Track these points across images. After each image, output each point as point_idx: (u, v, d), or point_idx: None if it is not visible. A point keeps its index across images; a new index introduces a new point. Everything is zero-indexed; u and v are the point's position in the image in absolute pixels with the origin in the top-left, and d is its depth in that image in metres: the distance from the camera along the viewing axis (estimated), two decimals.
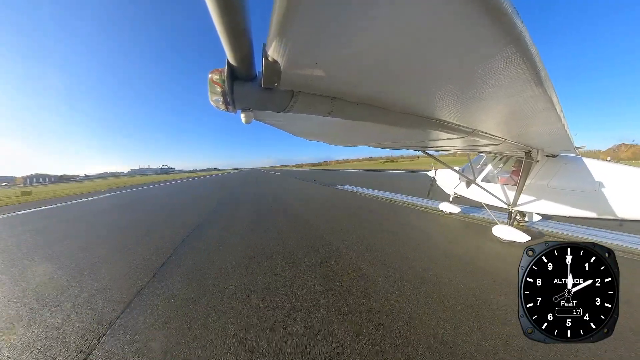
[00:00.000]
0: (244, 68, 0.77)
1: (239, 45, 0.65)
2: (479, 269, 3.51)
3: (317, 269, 3.70)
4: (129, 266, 4.22)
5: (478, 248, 4.33)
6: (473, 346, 2.10)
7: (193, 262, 4.28)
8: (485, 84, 0.98)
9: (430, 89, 1.10)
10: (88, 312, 2.89)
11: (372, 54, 0.75)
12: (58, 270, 4.24)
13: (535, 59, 0.76)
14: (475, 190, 5.38)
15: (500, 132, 2.25)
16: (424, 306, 2.67)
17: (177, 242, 5.48)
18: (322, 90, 1.02)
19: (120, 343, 2.34)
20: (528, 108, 1.32)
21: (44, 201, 18.25)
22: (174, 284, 3.45)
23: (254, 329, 2.42)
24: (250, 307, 2.79)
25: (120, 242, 5.85)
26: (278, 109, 1.03)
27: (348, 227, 6.08)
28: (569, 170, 4.02)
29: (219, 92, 0.80)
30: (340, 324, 2.43)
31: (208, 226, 6.94)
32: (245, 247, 4.89)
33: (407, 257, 4.02)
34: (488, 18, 0.56)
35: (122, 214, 10.20)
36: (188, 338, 2.35)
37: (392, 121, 1.46)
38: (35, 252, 5.38)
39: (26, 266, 4.54)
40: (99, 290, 3.42)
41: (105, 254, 5.02)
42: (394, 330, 2.32)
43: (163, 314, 2.76)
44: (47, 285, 3.66)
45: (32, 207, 14.45)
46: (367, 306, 2.70)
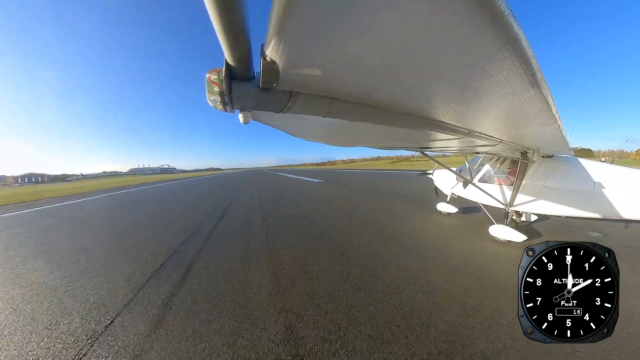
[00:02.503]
0: (242, 68, 0.77)
1: (237, 45, 0.64)
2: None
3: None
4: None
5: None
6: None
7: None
8: (482, 85, 0.98)
9: (428, 90, 1.10)
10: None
11: (371, 55, 0.75)
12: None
13: (531, 60, 0.76)
14: (472, 191, 5.42)
15: (497, 133, 2.26)
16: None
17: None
18: (321, 90, 1.01)
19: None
20: (524, 109, 1.33)
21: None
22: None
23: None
24: None
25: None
26: (276, 110, 1.02)
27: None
28: (565, 171, 4.07)
29: (217, 92, 0.80)
30: None
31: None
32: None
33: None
34: (485, 20, 0.56)
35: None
36: None
37: (390, 122, 1.46)
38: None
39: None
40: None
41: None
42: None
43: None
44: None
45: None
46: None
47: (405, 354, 2.06)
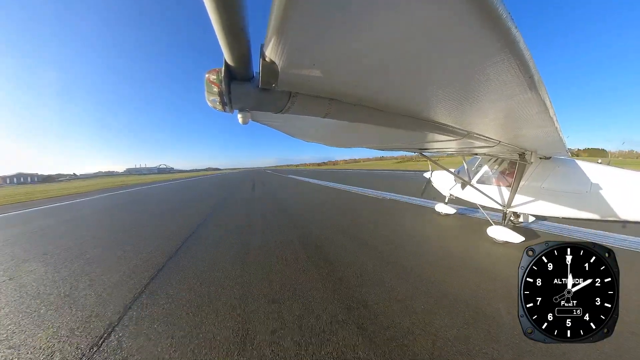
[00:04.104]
0: (242, 68, 0.76)
1: (237, 45, 0.64)
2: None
3: None
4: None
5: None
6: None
7: None
8: (480, 87, 0.99)
9: (427, 91, 1.10)
10: None
11: (370, 56, 0.75)
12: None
13: (529, 63, 0.77)
14: (470, 192, 5.43)
15: (495, 135, 2.27)
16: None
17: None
18: (320, 91, 1.01)
19: None
20: (522, 111, 1.34)
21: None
22: None
23: None
24: None
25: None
26: (275, 110, 1.02)
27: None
28: (562, 172, 4.09)
29: (216, 92, 0.79)
30: None
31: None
32: None
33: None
34: (483, 23, 0.57)
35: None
36: None
37: (388, 123, 1.46)
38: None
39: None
40: None
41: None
42: None
43: None
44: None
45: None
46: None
47: None
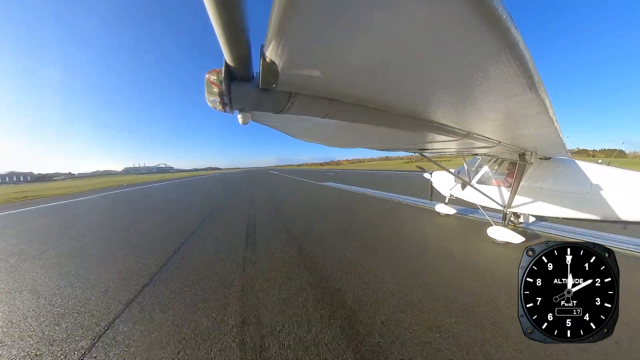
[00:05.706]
0: (242, 69, 0.76)
1: (237, 46, 0.64)
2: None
3: None
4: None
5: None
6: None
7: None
8: (480, 87, 0.99)
9: (427, 92, 1.10)
10: None
11: (370, 56, 0.75)
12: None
13: (529, 63, 0.77)
14: (471, 192, 5.43)
15: (495, 135, 2.27)
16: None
17: None
18: (320, 91, 1.01)
19: None
20: (522, 112, 1.34)
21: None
22: None
23: None
24: None
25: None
26: (275, 111, 1.02)
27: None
28: (562, 173, 4.08)
29: (216, 92, 0.79)
30: None
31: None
32: None
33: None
34: (483, 23, 0.57)
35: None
36: None
37: (389, 123, 1.46)
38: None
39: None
40: None
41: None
42: None
43: None
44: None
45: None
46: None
47: None
